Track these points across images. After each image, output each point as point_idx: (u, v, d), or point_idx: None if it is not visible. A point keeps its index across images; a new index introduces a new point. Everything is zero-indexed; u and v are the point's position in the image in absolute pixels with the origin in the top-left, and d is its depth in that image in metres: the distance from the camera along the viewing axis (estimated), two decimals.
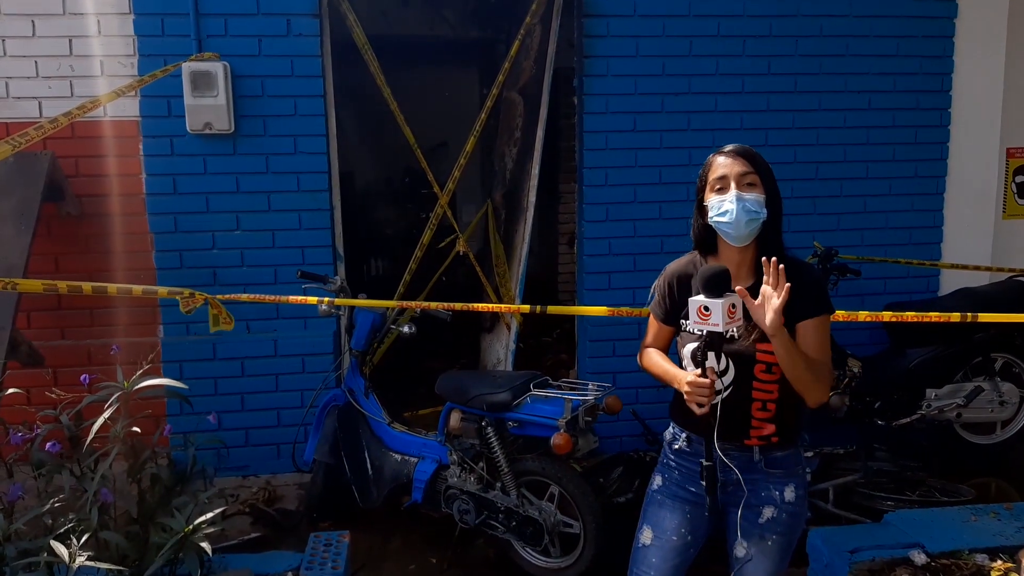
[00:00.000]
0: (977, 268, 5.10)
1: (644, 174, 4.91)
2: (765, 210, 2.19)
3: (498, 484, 3.57)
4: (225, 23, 4.46)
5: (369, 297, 4.16)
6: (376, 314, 3.93)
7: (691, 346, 2.22)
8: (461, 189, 6.08)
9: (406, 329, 3.91)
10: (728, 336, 2.18)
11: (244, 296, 3.90)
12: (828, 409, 4.76)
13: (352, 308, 3.99)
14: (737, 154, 2.23)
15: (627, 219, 4.94)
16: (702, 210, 2.29)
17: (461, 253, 5.16)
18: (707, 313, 2.07)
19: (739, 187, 2.18)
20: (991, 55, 5.13)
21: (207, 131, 4.45)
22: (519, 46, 4.95)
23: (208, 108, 4.39)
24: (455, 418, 3.63)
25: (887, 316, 3.46)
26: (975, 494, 3.74)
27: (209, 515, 2.48)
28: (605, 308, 3.85)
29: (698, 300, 2.09)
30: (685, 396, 2.14)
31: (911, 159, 5.14)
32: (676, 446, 2.38)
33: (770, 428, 2.24)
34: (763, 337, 2.14)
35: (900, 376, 4.75)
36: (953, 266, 5.14)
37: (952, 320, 3.39)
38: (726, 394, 2.23)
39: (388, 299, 4.45)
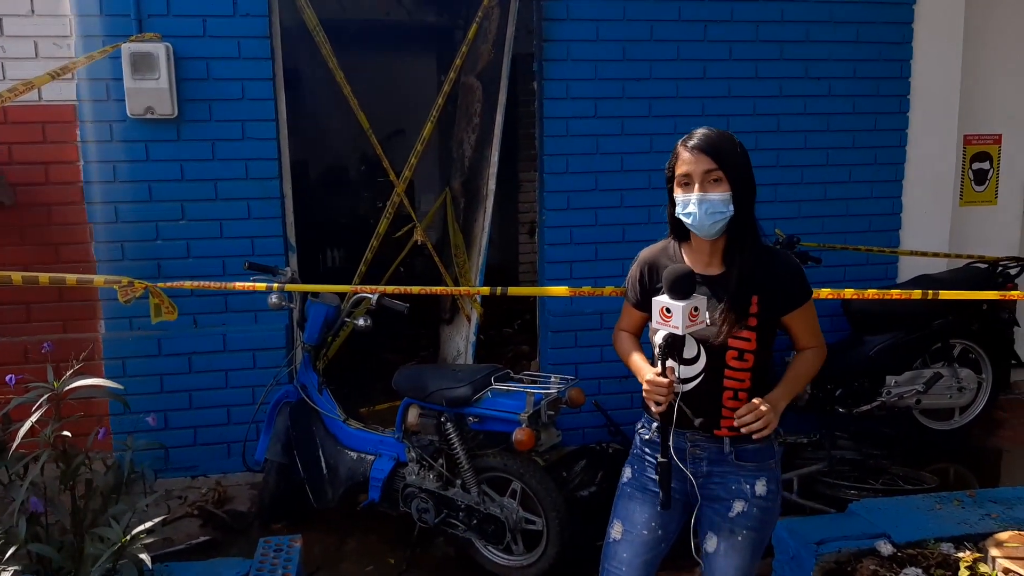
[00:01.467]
0: (936, 255, 5.11)
1: (605, 161, 4.81)
2: (731, 207, 2.14)
3: (458, 481, 3.45)
4: (168, 2, 4.24)
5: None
6: (329, 307, 3.77)
7: (661, 334, 2.14)
8: (419, 177, 5.95)
9: (361, 322, 3.76)
10: (692, 327, 2.10)
11: (187, 283, 3.72)
12: None
13: (304, 301, 3.83)
14: (702, 151, 2.15)
15: (588, 207, 4.84)
16: (672, 202, 2.24)
17: (419, 243, 5.02)
18: (668, 315, 2.03)
19: (703, 186, 2.13)
20: (949, 41, 5.13)
21: (149, 116, 4.23)
22: (476, 29, 4.81)
23: (149, 92, 4.17)
24: (413, 414, 3.50)
25: (848, 293, 3.46)
26: (937, 481, 3.73)
27: (148, 524, 2.32)
28: (566, 288, 3.76)
29: (661, 301, 2.05)
30: (643, 393, 2.14)
31: (871, 146, 5.12)
32: (646, 436, 2.32)
33: None
34: (738, 326, 2.14)
35: (860, 363, 4.74)
36: (912, 253, 5.14)
37: (913, 298, 3.40)
38: (696, 383, 2.19)
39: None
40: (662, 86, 4.80)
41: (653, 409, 2.12)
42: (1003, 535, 3.03)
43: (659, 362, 2.09)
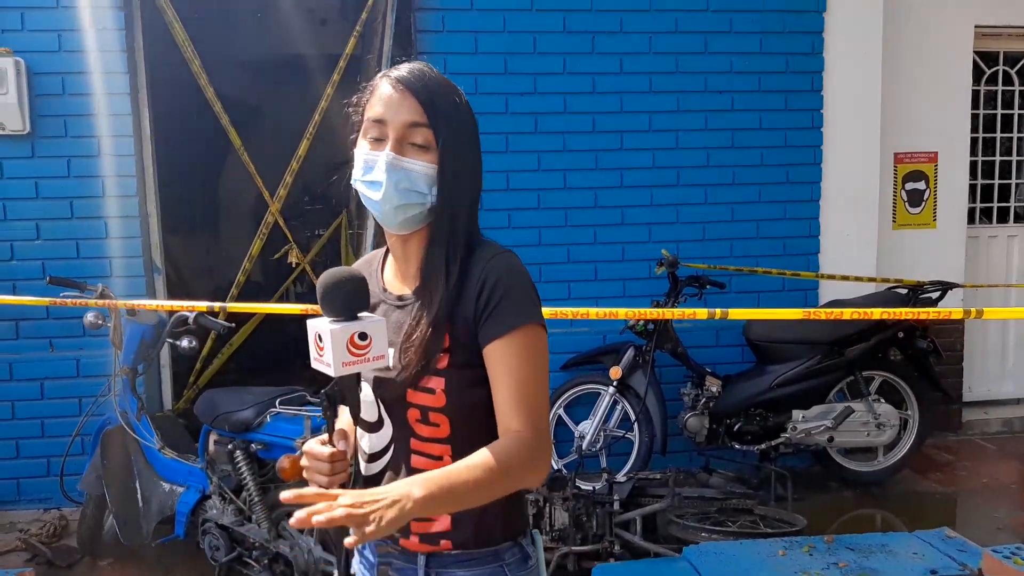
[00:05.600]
0: (859, 279, 4.72)
1: (489, 180, 4.55)
2: (433, 192, 1.42)
3: (254, 516, 3.17)
4: (22, 17, 4.16)
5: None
6: (146, 326, 3.55)
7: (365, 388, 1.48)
8: (309, 197, 5.73)
9: (185, 343, 3.53)
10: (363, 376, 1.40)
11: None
12: (686, 432, 4.37)
13: (120, 320, 3.62)
14: (408, 87, 1.40)
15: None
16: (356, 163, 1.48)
17: (293, 265, 4.81)
18: (321, 346, 1.31)
19: (400, 146, 1.39)
20: (866, 52, 4.81)
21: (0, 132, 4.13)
22: (355, 43, 4.64)
23: None
24: (211, 441, 3.24)
25: (718, 313, 3.12)
26: (805, 523, 3.33)
27: None
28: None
29: (314, 326, 1.32)
30: (304, 474, 1.38)
31: (781, 164, 4.79)
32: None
33: (443, 521, 1.41)
34: (422, 370, 1.39)
35: (760, 394, 4.35)
36: (829, 277, 4.77)
37: (809, 318, 3.03)
38: (383, 462, 1.46)
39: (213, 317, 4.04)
40: (549, 101, 4.56)
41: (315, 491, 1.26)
42: None
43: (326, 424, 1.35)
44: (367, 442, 1.47)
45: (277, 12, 5.15)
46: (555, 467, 4.33)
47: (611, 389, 4.33)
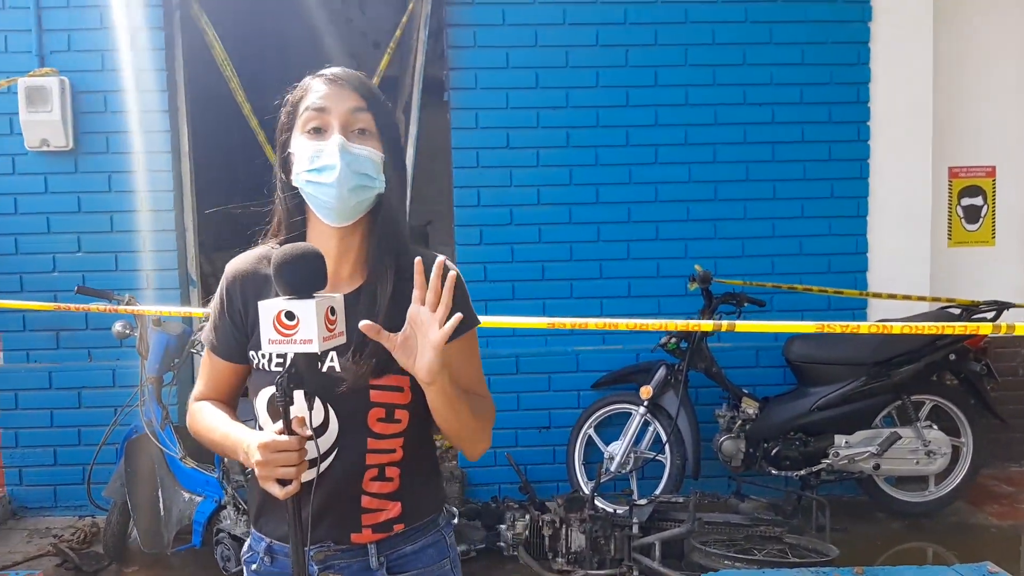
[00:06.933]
0: (907, 298, 4.48)
1: (520, 194, 4.51)
2: (382, 177, 1.45)
3: None
4: (68, 38, 4.31)
5: None
6: (171, 336, 3.59)
7: (269, 391, 1.42)
8: None
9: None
10: (324, 366, 1.42)
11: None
12: (721, 455, 4.20)
13: (146, 330, 3.67)
14: (345, 82, 1.46)
15: (504, 243, 4.53)
16: (286, 164, 1.49)
17: None
18: (291, 324, 1.28)
19: (346, 132, 1.43)
20: (915, 61, 4.60)
21: (44, 148, 4.27)
22: (388, 60, 4.66)
23: (43, 124, 4.21)
24: None
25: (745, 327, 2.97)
26: (837, 553, 3.13)
27: None
28: (544, 320, 3.35)
29: (275, 304, 1.30)
30: (258, 472, 1.33)
31: (826, 178, 4.61)
32: (254, 566, 1.56)
33: (394, 509, 1.47)
34: (381, 368, 1.40)
35: (799, 418, 4.15)
36: (875, 295, 4.55)
37: (849, 332, 2.86)
38: (327, 463, 1.43)
39: None
40: (581, 115, 4.49)
41: (278, 494, 1.31)
42: None
43: (280, 411, 1.32)
44: (309, 446, 1.37)
45: (313, 31, 5.24)
46: (584, 488, 4.22)
47: (642, 409, 4.19)
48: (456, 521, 1.54)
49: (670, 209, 4.54)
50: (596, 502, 3.68)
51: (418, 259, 1.35)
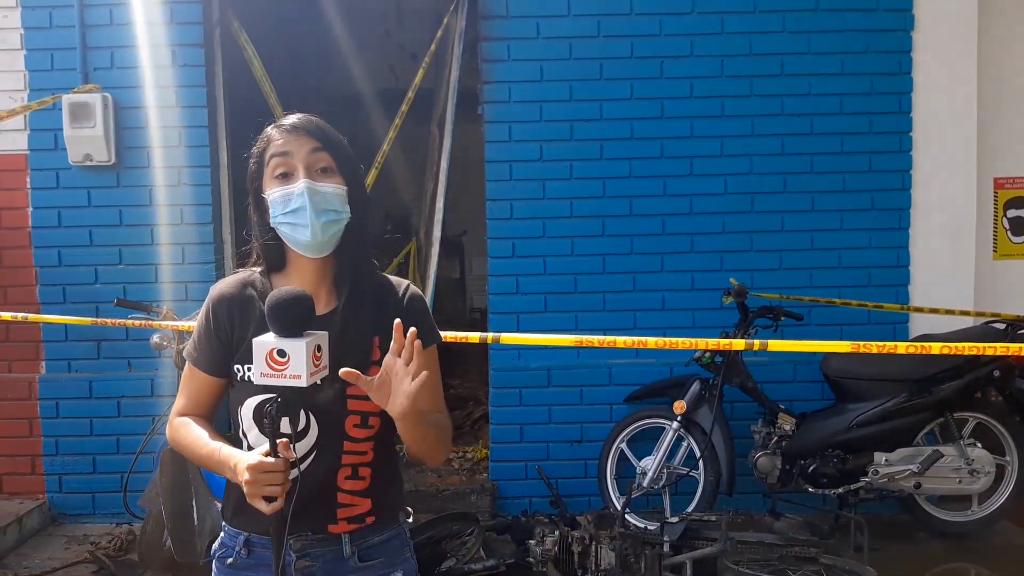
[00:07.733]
0: (950, 312, 4.37)
1: (553, 207, 4.50)
2: (347, 208, 1.65)
3: None
4: (111, 56, 4.41)
5: None
6: None
7: (253, 401, 1.63)
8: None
9: None
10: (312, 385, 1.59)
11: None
12: (757, 472, 4.13)
13: (181, 341, 3.73)
14: (302, 128, 1.64)
15: (536, 255, 4.52)
16: (260, 207, 1.69)
17: None
18: (282, 361, 1.46)
19: (310, 173, 1.62)
20: (959, 70, 4.49)
21: (87, 163, 4.37)
22: (423, 74, 4.69)
23: (86, 139, 4.31)
24: None
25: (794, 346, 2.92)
26: (876, 575, 3.05)
27: None
28: (572, 338, 3.33)
29: (267, 342, 1.47)
30: (246, 490, 1.49)
31: (866, 189, 4.52)
32: (229, 560, 1.72)
33: (364, 504, 1.68)
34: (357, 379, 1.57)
35: (838, 435, 4.07)
36: (917, 309, 4.45)
37: (891, 351, 2.79)
38: (307, 463, 1.63)
39: None
40: (615, 127, 4.47)
41: (265, 510, 1.48)
42: None
43: (268, 436, 1.49)
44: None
45: (349, 46, 5.30)
46: (615, 503, 4.18)
47: (675, 424, 4.14)
48: (411, 520, 1.80)
49: (705, 221, 4.49)
50: (628, 518, 3.65)
51: (397, 321, 1.51)
